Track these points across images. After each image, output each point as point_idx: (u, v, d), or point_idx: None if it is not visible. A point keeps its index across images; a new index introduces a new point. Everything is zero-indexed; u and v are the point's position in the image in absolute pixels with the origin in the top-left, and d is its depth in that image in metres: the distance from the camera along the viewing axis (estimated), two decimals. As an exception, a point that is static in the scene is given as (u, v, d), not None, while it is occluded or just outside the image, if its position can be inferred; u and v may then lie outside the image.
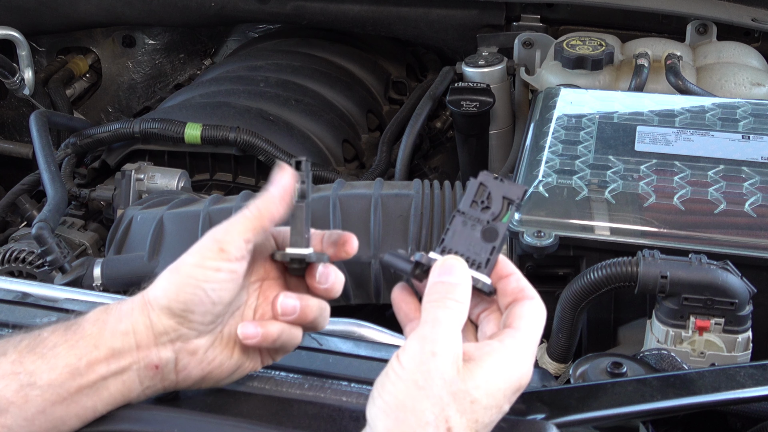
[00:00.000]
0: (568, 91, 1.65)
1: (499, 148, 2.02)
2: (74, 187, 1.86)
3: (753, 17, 1.94)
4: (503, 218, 0.85)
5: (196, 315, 0.84)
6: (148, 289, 0.86)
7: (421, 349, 0.76)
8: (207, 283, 0.83)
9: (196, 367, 0.86)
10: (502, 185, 0.86)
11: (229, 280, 0.84)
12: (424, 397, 0.75)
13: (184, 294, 0.83)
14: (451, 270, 0.82)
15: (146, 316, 0.84)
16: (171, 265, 0.85)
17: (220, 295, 0.84)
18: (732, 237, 1.25)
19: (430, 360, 0.76)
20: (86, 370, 0.82)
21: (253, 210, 0.85)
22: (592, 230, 1.29)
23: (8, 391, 0.80)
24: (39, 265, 1.60)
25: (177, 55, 2.61)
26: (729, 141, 1.45)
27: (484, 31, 2.16)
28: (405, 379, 0.76)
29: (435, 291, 0.81)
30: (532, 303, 0.84)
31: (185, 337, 0.85)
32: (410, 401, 0.75)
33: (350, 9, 2.23)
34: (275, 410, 0.88)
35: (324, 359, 0.96)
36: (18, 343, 0.83)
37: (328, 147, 1.97)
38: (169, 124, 1.84)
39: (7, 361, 0.81)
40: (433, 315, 0.79)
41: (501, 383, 0.78)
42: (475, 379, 0.77)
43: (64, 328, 0.84)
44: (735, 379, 0.95)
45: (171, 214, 1.52)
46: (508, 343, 0.80)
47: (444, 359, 0.76)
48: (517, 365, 0.80)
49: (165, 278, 0.85)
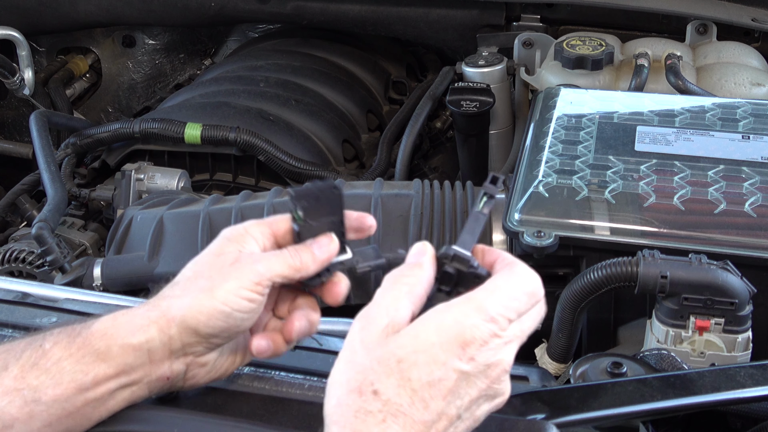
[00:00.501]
0: (568, 91, 1.65)
1: (499, 148, 2.02)
2: (74, 187, 1.86)
3: (753, 17, 1.94)
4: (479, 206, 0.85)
5: (219, 339, 0.85)
6: (170, 303, 0.84)
7: (354, 326, 0.78)
8: (240, 312, 0.84)
9: (204, 376, 0.88)
10: None
11: (257, 309, 0.85)
12: (350, 369, 0.75)
13: (216, 320, 0.83)
14: (422, 252, 0.82)
15: (165, 333, 0.83)
16: (203, 283, 0.84)
17: (248, 324, 0.86)
18: (732, 237, 1.25)
19: (357, 334, 0.77)
20: (93, 385, 0.81)
21: (296, 260, 0.86)
22: (592, 230, 1.29)
23: (12, 408, 0.79)
24: (39, 265, 1.60)
25: (177, 55, 2.61)
26: (729, 141, 1.45)
27: (484, 31, 2.16)
28: (340, 358, 0.77)
29: (398, 269, 0.81)
30: (506, 270, 0.80)
31: (199, 353, 0.86)
32: (339, 376, 0.75)
33: (350, 9, 2.23)
34: (275, 410, 0.89)
35: (324, 359, 0.97)
36: (19, 356, 0.82)
37: (328, 147, 1.97)
38: (169, 124, 1.84)
39: (9, 376, 0.80)
40: (379, 293, 0.79)
41: (433, 338, 0.74)
42: (400, 339, 0.75)
43: (68, 340, 0.83)
44: (735, 379, 0.95)
45: (171, 214, 1.52)
46: (455, 301, 0.77)
47: (371, 329, 0.76)
48: (455, 320, 0.75)
49: (196, 298, 0.83)
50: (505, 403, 0.80)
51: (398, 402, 0.72)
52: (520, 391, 0.92)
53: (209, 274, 0.84)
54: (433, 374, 0.73)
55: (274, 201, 1.49)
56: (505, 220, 1.32)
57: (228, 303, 0.82)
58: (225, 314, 0.83)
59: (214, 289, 0.83)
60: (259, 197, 1.53)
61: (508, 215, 1.32)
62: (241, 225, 0.89)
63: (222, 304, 0.82)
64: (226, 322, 0.83)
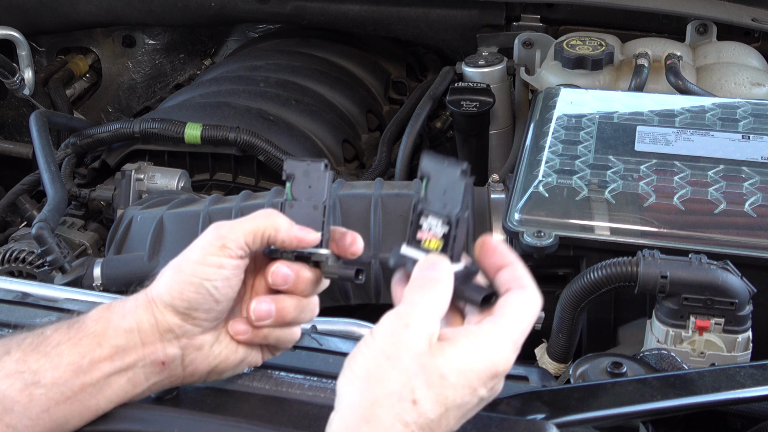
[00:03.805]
0: (568, 91, 1.65)
1: (499, 148, 2.02)
2: (74, 187, 1.86)
3: (753, 17, 1.94)
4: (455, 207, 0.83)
5: (200, 312, 0.84)
6: (151, 287, 0.86)
7: (394, 322, 0.76)
8: (209, 281, 0.83)
9: (203, 362, 0.87)
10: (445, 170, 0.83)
11: (231, 276, 0.84)
12: (390, 367, 0.73)
13: (188, 292, 0.83)
14: (432, 266, 0.81)
15: (150, 313, 0.84)
16: (173, 260, 0.85)
17: (222, 293, 0.84)
18: (732, 237, 1.25)
19: (402, 331, 0.75)
20: (90, 367, 0.82)
21: (263, 218, 0.86)
22: (592, 230, 1.29)
23: (13, 390, 0.80)
24: (39, 265, 1.60)
25: (177, 55, 2.61)
26: (729, 141, 1.45)
27: (484, 31, 2.16)
28: (374, 349, 0.75)
29: (416, 283, 0.80)
30: (522, 293, 0.81)
31: (190, 334, 0.85)
32: (377, 370, 0.74)
33: (350, 9, 2.23)
34: (275, 410, 0.88)
35: (324, 359, 0.96)
36: (21, 342, 0.83)
37: (328, 147, 1.97)
38: (169, 124, 1.84)
39: (11, 359, 0.82)
40: (411, 298, 0.78)
41: (473, 364, 0.75)
42: (446, 355, 0.75)
43: (67, 326, 0.84)
44: (735, 379, 0.95)
45: (171, 214, 1.52)
46: (486, 328, 0.78)
47: (416, 332, 0.75)
48: (492, 350, 0.77)
49: (168, 276, 0.85)
50: (505, 403, 0.81)
51: (430, 417, 0.73)
52: (520, 391, 0.92)
53: (182, 252, 0.85)
54: (464, 398, 0.75)
55: (274, 201, 1.49)
56: (505, 220, 1.32)
57: (195, 273, 0.83)
58: (195, 285, 0.83)
59: (182, 263, 0.84)
60: (259, 197, 1.54)
61: (508, 215, 1.32)
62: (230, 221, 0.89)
63: (190, 275, 0.83)
64: (198, 293, 0.83)
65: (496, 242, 0.84)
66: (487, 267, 0.84)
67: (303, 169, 0.88)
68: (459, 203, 0.82)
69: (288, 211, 0.88)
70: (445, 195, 0.82)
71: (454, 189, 0.82)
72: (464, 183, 0.81)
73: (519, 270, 0.83)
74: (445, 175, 0.82)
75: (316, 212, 0.88)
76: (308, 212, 0.88)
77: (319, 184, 0.88)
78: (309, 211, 0.88)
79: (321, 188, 0.88)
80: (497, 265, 0.83)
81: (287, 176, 0.88)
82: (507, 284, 0.82)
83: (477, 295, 0.82)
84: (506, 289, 0.82)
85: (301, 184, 0.88)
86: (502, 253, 0.84)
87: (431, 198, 0.83)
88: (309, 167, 0.88)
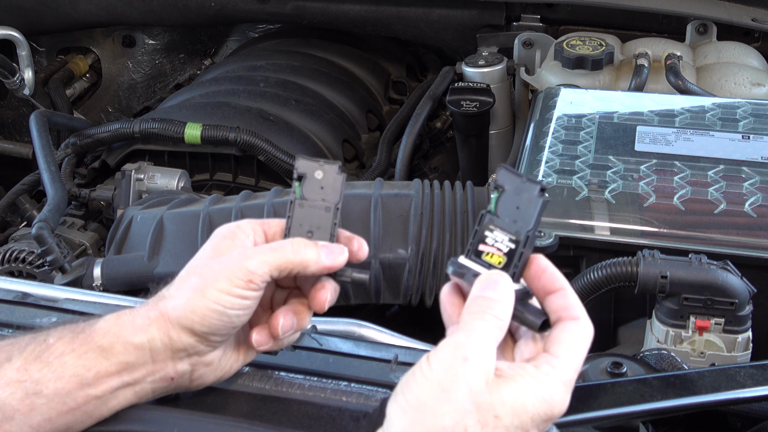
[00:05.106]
0: (568, 91, 1.65)
1: (499, 148, 2.02)
2: (74, 187, 1.86)
3: (753, 17, 1.94)
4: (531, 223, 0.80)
5: (218, 336, 0.85)
6: (167, 304, 0.84)
7: (453, 354, 0.74)
8: (233, 310, 0.83)
9: (210, 375, 0.88)
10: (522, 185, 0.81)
11: (252, 305, 0.85)
12: (446, 401, 0.72)
13: (210, 319, 0.82)
14: (494, 285, 0.79)
15: (165, 333, 0.83)
16: (194, 281, 0.83)
17: (242, 320, 0.85)
18: (732, 237, 1.25)
19: (460, 365, 0.73)
20: (95, 381, 0.81)
21: (292, 253, 0.85)
22: (592, 230, 1.29)
23: (13, 399, 0.79)
24: (39, 265, 1.60)
25: (177, 55, 2.61)
26: (729, 141, 1.45)
27: (484, 31, 2.16)
28: (430, 380, 0.73)
29: (476, 304, 0.78)
30: (575, 325, 0.79)
31: (202, 352, 0.85)
32: (431, 402, 0.72)
33: (350, 9, 2.23)
34: (275, 410, 0.89)
35: (324, 359, 0.96)
36: (23, 349, 0.82)
37: (328, 147, 1.97)
38: (169, 124, 1.84)
39: (12, 367, 0.81)
40: (470, 325, 0.76)
41: (530, 407, 0.74)
42: (502, 395, 0.73)
43: (72, 335, 0.83)
44: (735, 379, 0.95)
45: (171, 214, 1.52)
46: (545, 369, 0.76)
47: (474, 367, 0.73)
48: (550, 393, 0.75)
49: (188, 297, 0.83)
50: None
51: None
52: (520, 391, 0.91)
53: (200, 272, 0.84)
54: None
55: (274, 201, 1.48)
56: (505, 220, 1.32)
57: (220, 302, 0.82)
58: (218, 313, 0.82)
59: (205, 288, 0.82)
60: (259, 197, 1.53)
61: (508, 215, 1.32)
62: (234, 222, 0.89)
63: (214, 303, 0.82)
64: (221, 320, 0.83)
65: (546, 264, 0.82)
66: (536, 289, 0.82)
67: (316, 169, 0.87)
68: (533, 221, 0.80)
69: (297, 210, 0.87)
70: (517, 211, 0.80)
71: (529, 206, 0.80)
72: (542, 201, 0.79)
73: (571, 297, 0.81)
74: (520, 191, 0.80)
75: (327, 214, 0.87)
76: (319, 213, 0.87)
77: (332, 185, 0.87)
78: (320, 212, 0.87)
79: (334, 190, 0.87)
80: (547, 289, 0.81)
81: (298, 175, 0.87)
82: (558, 312, 0.80)
83: (536, 320, 0.80)
84: (557, 318, 0.80)
85: (312, 184, 0.87)
86: (553, 276, 0.82)
87: (501, 212, 0.81)
88: (323, 168, 0.87)
